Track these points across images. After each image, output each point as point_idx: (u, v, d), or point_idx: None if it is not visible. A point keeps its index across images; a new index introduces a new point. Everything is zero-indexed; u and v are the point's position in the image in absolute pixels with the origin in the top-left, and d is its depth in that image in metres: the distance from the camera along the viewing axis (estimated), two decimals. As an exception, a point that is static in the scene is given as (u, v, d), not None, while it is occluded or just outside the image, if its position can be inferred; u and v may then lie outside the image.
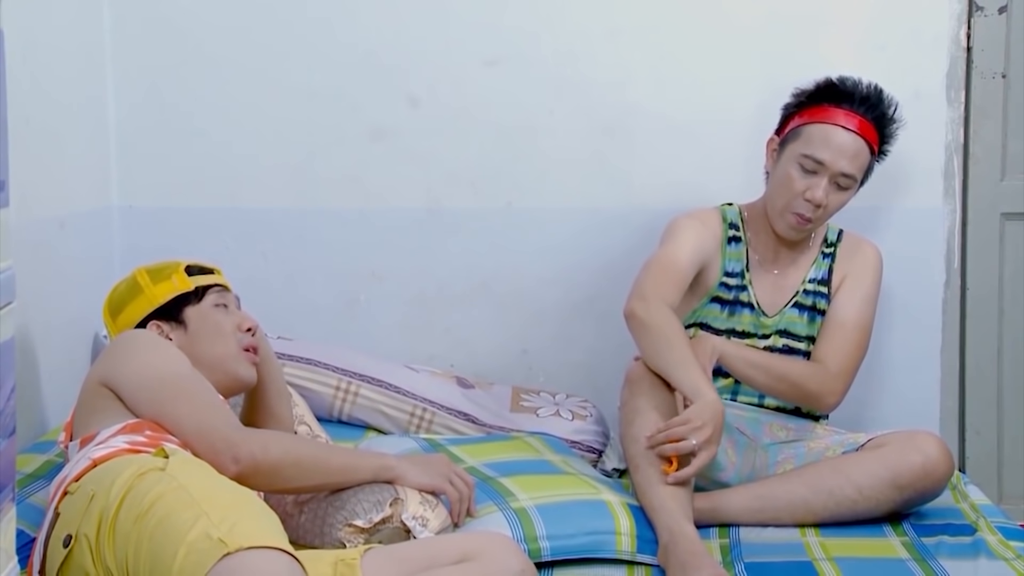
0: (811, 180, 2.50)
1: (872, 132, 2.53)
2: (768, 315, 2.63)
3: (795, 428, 2.62)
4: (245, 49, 3.02)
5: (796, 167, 2.51)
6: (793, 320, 2.63)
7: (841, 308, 2.62)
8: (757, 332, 2.62)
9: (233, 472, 1.88)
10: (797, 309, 2.63)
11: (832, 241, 2.68)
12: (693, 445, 2.25)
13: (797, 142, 2.53)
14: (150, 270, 2.21)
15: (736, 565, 2.19)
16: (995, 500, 2.87)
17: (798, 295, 2.64)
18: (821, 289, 2.64)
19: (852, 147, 2.50)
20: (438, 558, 1.88)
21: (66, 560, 1.71)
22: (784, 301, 2.64)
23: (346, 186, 3.05)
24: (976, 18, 3.00)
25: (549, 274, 3.06)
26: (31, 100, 2.45)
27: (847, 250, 2.67)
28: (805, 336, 2.63)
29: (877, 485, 2.35)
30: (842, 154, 2.49)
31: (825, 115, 2.52)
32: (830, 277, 2.65)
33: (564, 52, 3.01)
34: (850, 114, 2.51)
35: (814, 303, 2.64)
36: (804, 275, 2.65)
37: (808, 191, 2.50)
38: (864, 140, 2.52)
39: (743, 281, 2.63)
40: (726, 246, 2.64)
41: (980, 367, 3.10)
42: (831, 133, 2.50)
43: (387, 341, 3.03)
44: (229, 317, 2.19)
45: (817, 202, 2.50)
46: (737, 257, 2.63)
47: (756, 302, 2.63)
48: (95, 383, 1.98)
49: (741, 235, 2.65)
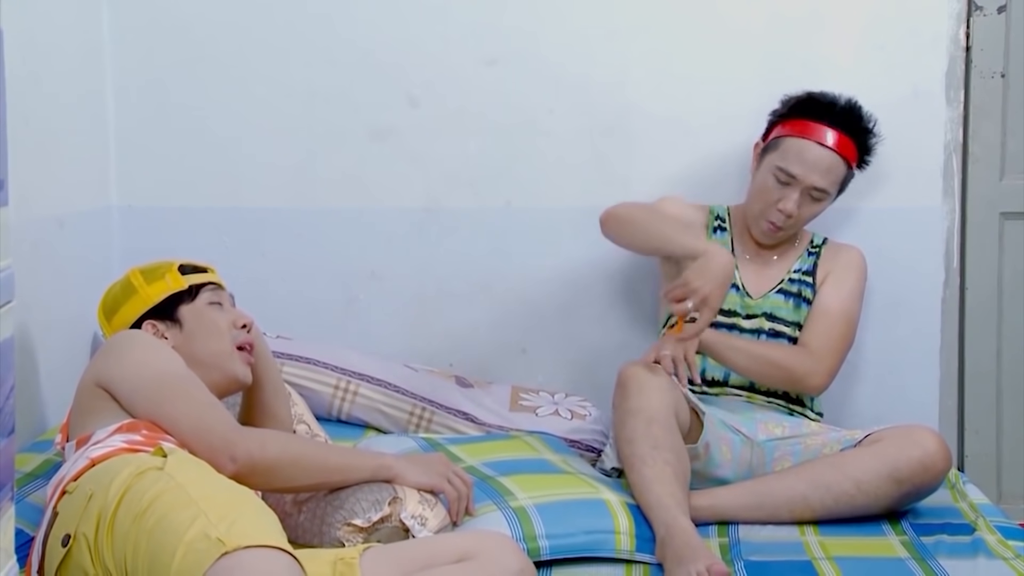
0: (784, 191, 2.61)
1: (849, 147, 2.63)
2: (752, 297, 2.70)
3: (791, 425, 2.62)
4: (245, 48, 3.02)
5: (772, 178, 2.62)
6: (778, 304, 2.70)
7: (825, 298, 2.70)
8: (742, 312, 2.69)
9: (231, 471, 1.88)
10: (783, 295, 2.71)
11: (817, 244, 2.78)
12: (688, 308, 2.34)
13: (775, 153, 2.64)
14: (143, 270, 2.21)
15: (735, 564, 2.18)
16: (994, 499, 2.87)
17: (783, 282, 2.72)
18: (806, 279, 2.72)
19: (826, 162, 2.60)
20: (437, 557, 1.88)
21: (65, 560, 1.70)
22: (770, 286, 2.72)
23: (346, 186, 3.05)
24: (975, 17, 3.00)
25: (548, 274, 3.06)
26: (31, 99, 2.45)
27: (831, 251, 2.77)
28: (791, 322, 2.69)
29: (875, 480, 2.36)
30: (815, 169, 2.59)
31: (802, 130, 2.62)
32: (815, 271, 2.73)
33: (564, 52, 3.01)
34: (826, 129, 2.61)
35: (799, 291, 2.71)
36: (790, 266, 2.74)
37: (781, 202, 2.61)
38: (839, 155, 2.61)
39: None
40: (712, 234, 2.74)
41: (979, 366, 3.10)
42: (805, 148, 2.60)
43: (386, 340, 3.03)
44: (224, 315, 2.19)
45: (788, 213, 2.61)
46: (722, 243, 2.70)
47: (740, 283, 2.71)
48: (91, 384, 1.98)
49: (727, 226, 2.77)
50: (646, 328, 2.99)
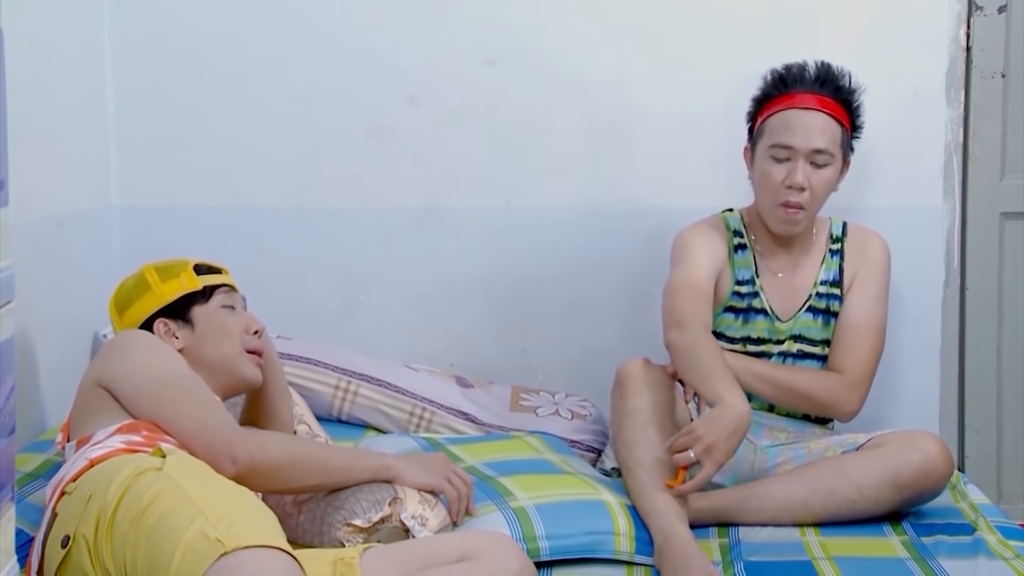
0: (787, 167, 2.51)
1: (833, 105, 2.54)
2: (782, 320, 2.61)
3: (795, 431, 2.62)
4: (245, 48, 3.02)
5: (769, 160, 2.53)
6: (808, 324, 2.61)
7: (853, 311, 2.60)
8: (772, 338, 2.61)
9: (231, 472, 1.88)
10: (811, 313, 2.61)
11: (838, 236, 2.67)
12: (691, 458, 2.22)
13: (764, 138, 2.55)
14: (158, 267, 2.20)
15: (736, 564, 2.18)
16: (994, 499, 2.87)
17: (811, 299, 2.62)
18: (833, 291, 2.62)
19: (816, 123, 2.51)
20: (437, 557, 1.89)
21: (64, 561, 1.70)
22: (797, 305, 2.62)
23: (346, 185, 3.05)
24: (975, 17, 3.00)
25: (549, 273, 3.06)
26: (31, 99, 2.45)
27: (855, 245, 2.65)
28: (820, 340, 2.62)
29: (877, 485, 2.35)
30: (807, 132, 2.50)
31: (780, 103, 2.54)
32: (841, 277, 2.63)
33: (564, 51, 3.01)
34: (804, 95, 2.53)
35: (827, 306, 2.62)
36: (815, 277, 2.63)
37: (787, 178, 2.50)
38: (826, 113, 2.52)
39: (754, 288, 2.61)
40: (734, 254, 2.63)
41: (979, 366, 3.09)
42: (791, 117, 2.52)
43: (387, 340, 3.03)
44: (236, 319, 2.18)
45: (799, 185, 2.49)
46: (746, 265, 2.62)
47: (769, 307, 2.61)
48: (92, 384, 1.98)
49: (746, 241, 2.64)
50: (646, 328, 2.98)
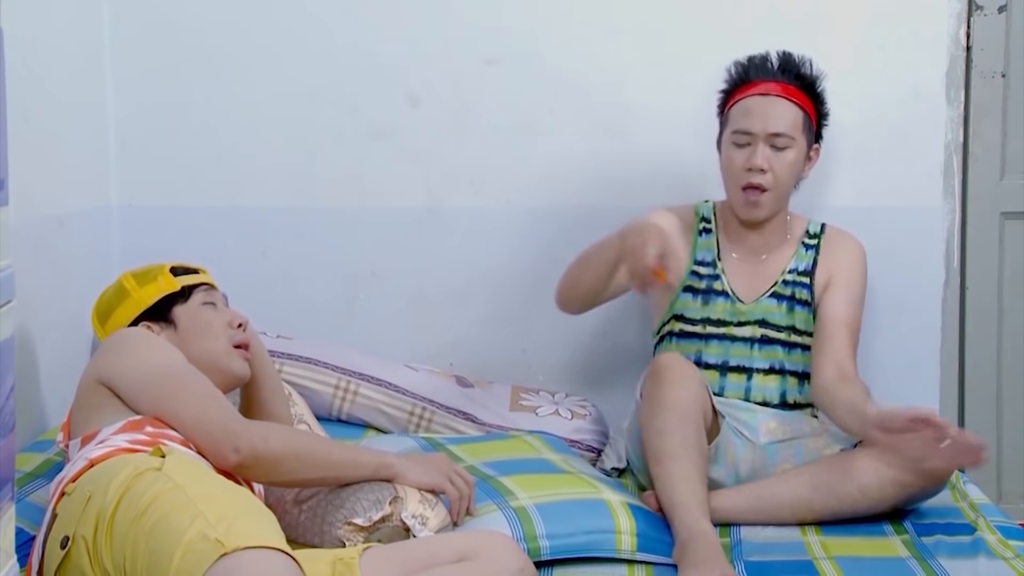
0: (747, 151, 2.56)
1: (796, 92, 2.58)
2: (743, 302, 2.63)
3: (791, 426, 2.61)
4: (245, 48, 3.02)
5: (732, 147, 2.59)
6: (771, 309, 2.63)
7: (840, 308, 2.60)
8: (733, 320, 2.62)
9: (233, 462, 1.88)
10: (775, 299, 2.63)
11: (815, 233, 2.69)
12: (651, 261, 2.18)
13: (726, 127, 2.62)
14: (135, 274, 2.23)
15: (737, 564, 2.18)
16: (994, 499, 2.87)
17: (777, 285, 2.64)
18: (802, 279, 2.64)
19: (775, 109, 2.56)
20: (437, 557, 1.88)
21: (63, 562, 1.70)
22: (762, 290, 2.64)
23: (346, 185, 3.05)
24: (976, 17, 3.00)
25: (548, 273, 3.04)
26: (31, 98, 2.45)
27: (832, 244, 2.67)
28: (785, 327, 2.62)
29: (879, 483, 2.35)
30: (764, 116, 2.55)
31: (742, 92, 2.60)
32: (814, 269, 2.65)
33: (564, 51, 3.00)
34: (766, 82, 2.58)
35: (793, 293, 2.63)
36: (784, 265, 2.66)
37: (748, 161, 2.55)
38: (784, 98, 2.57)
39: (715, 270, 2.65)
40: (697, 236, 2.68)
41: (980, 367, 3.09)
42: (749, 104, 2.58)
43: (386, 340, 3.03)
44: (218, 314, 2.20)
45: (758, 166, 2.55)
46: (708, 246, 2.67)
47: (730, 289, 2.64)
48: (92, 381, 1.99)
49: (712, 227, 2.69)
50: (646, 328, 2.99)
